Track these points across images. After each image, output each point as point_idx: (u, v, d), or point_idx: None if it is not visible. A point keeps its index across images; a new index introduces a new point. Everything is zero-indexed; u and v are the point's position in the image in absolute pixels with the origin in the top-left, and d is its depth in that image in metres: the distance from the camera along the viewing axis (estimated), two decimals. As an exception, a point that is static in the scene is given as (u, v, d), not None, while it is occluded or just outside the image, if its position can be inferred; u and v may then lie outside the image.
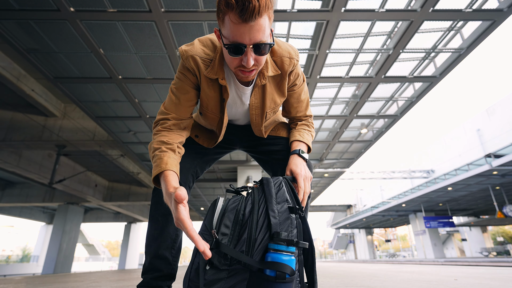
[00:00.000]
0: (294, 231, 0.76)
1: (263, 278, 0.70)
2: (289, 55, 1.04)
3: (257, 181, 0.89)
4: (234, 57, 0.85)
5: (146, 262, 1.02)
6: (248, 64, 0.85)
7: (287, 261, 0.70)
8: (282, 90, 1.10)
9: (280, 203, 0.79)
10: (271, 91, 1.07)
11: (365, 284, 1.83)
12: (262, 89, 1.06)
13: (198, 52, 0.98)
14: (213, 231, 0.76)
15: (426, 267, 4.24)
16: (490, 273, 2.57)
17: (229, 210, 0.80)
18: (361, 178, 22.10)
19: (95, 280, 2.78)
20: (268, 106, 1.09)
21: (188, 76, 1.02)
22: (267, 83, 1.05)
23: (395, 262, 19.31)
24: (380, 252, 45.55)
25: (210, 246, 0.72)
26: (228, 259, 0.72)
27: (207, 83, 1.01)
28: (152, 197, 1.06)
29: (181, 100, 1.03)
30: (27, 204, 17.81)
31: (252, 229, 0.75)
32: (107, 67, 5.68)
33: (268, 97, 1.07)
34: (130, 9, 4.41)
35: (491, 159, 11.43)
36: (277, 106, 1.14)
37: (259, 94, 1.06)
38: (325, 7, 4.58)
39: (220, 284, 0.71)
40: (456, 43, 5.58)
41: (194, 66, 0.98)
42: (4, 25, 4.67)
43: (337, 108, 7.86)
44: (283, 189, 0.84)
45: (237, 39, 0.80)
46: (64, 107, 9.78)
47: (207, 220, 0.80)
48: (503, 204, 15.81)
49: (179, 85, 1.03)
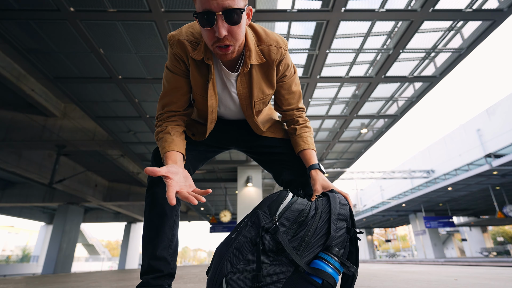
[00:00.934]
0: (341, 251, 0.79)
1: (307, 281, 0.71)
2: (276, 44, 1.01)
3: (321, 195, 0.92)
4: (207, 29, 0.83)
5: (145, 264, 1.01)
6: (220, 34, 0.81)
7: (332, 273, 0.72)
8: (271, 80, 1.07)
9: (342, 220, 0.82)
10: (258, 80, 1.04)
11: (365, 284, 1.83)
12: (248, 77, 1.03)
13: (185, 35, 0.98)
14: (275, 217, 0.78)
15: (426, 267, 4.24)
16: (490, 273, 2.57)
17: (295, 208, 0.82)
18: (361, 178, 22.10)
19: (95, 280, 2.78)
20: (256, 95, 1.06)
21: (176, 65, 1.02)
22: (254, 72, 1.02)
23: (395, 262, 19.31)
24: (380, 252, 45.54)
25: (267, 229, 0.75)
26: (278, 249, 0.74)
27: (195, 65, 1.00)
28: (146, 198, 1.05)
29: (173, 90, 1.05)
30: (27, 204, 17.81)
31: (309, 232, 0.77)
32: (107, 67, 5.69)
33: (255, 86, 1.05)
34: (130, 9, 4.41)
35: (491, 159, 11.42)
36: (266, 97, 1.11)
37: (245, 83, 1.04)
38: (325, 7, 4.58)
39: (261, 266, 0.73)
40: (456, 43, 5.58)
41: (181, 51, 0.98)
42: (4, 25, 4.67)
43: (337, 108, 7.86)
44: (347, 208, 0.86)
45: (206, 7, 0.79)
46: (64, 107, 9.78)
47: (272, 205, 0.82)
48: (503, 204, 15.81)
49: (169, 76, 1.05)
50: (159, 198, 1.01)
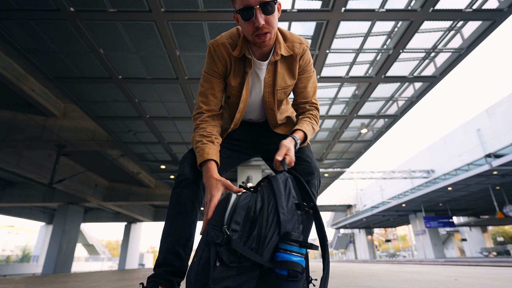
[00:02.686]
0: (300, 228, 0.77)
1: (274, 277, 0.70)
2: (299, 41, 1.20)
3: (265, 179, 0.90)
4: (247, 22, 1.01)
5: (160, 257, 1.07)
6: (259, 23, 0.99)
7: (298, 261, 0.70)
8: (293, 72, 1.22)
9: (289, 199, 0.80)
10: (282, 71, 1.20)
11: (365, 284, 1.83)
12: (274, 67, 1.18)
13: (225, 39, 1.16)
14: (224, 227, 0.76)
15: (426, 267, 4.24)
16: (490, 273, 2.57)
17: (240, 207, 0.80)
18: (361, 178, 22.10)
19: (95, 280, 2.78)
20: (279, 84, 1.21)
21: (214, 69, 1.18)
22: (279, 63, 1.18)
23: (395, 262, 19.32)
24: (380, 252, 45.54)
25: (220, 243, 0.73)
26: (238, 257, 0.72)
27: (236, 63, 1.17)
28: (171, 196, 1.13)
29: (209, 90, 1.20)
30: (27, 204, 17.81)
31: (262, 226, 0.75)
32: (107, 67, 5.68)
33: (279, 76, 1.20)
34: (130, 9, 4.41)
35: (491, 159, 11.42)
36: (288, 87, 1.24)
37: (272, 72, 1.19)
38: (325, 7, 4.58)
39: (228, 281, 0.71)
40: (456, 43, 5.58)
41: (225, 52, 1.15)
42: (4, 25, 4.67)
43: (337, 108, 7.86)
44: (290, 185, 0.84)
45: (245, 3, 0.98)
46: (64, 107, 9.78)
47: (218, 215, 0.80)
48: (503, 204, 15.80)
49: (206, 78, 1.20)
50: (183, 198, 1.09)
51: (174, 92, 6.63)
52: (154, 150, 10.23)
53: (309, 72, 1.26)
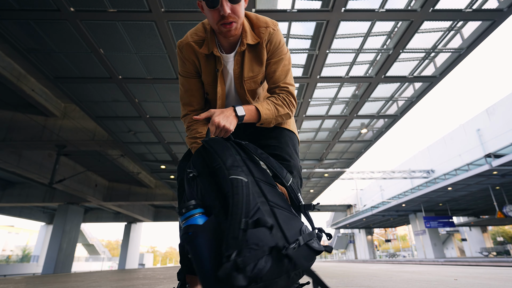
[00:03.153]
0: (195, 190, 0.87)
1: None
2: (265, 24, 1.13)
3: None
4: (212, 10, 0.99)
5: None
6: (225, 12, 0.96)
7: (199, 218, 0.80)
8: (261, 59, 1.16)
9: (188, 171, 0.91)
10: (249, 60, 1.15)
11: (365, 284, 1.83)
12: (242, 57, 1.14)
13: (190, 38, 1.13)
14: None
15: (426, 267, 4.24)
16: (490, 273, 2.57)
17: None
18: (361, 178, 22.10)
19: (95, 280, 2.78)
20: (246, 74, 1.16)
21: (186, 70, 1.17)
22: (247, 52, 1.13)
23: (395, 262, 19.32)
24: (380, 252, 45.52)
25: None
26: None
27: (205, 60, 1.14)
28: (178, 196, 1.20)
29: (188, 92, 1.20)
30: (27, 204, 17.81)
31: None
32: (107, 67, 5.68)
33: (246, 65, 1.15)
34: (130, 9, 4.41)
35: (491, 159, 11.41)
36: (256, 76, 1.18)
37: (239, 62, 1.15)
38: (325, 7, 4.58)
39: None
40: (456, 43, 5.58)
41: (191, 52, 1.13)
42: (4, 25, 4.67)
43: (337, 108, 7.86)
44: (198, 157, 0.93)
45: None
46: (64, 107, 9.78)
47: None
48: (503, 204, 15.79)
49: (182, 80, 1.20)
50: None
51: (174, 92, 6.63)
52: (154, 150, 10.24)
53: (278, 55, 1.17)
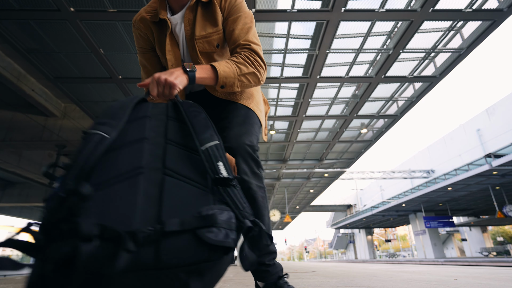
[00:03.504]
0: None
1: None
2: None
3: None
4: None
5: None
6: None
7: None
8: (215, 17, 1.08)
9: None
10: (201, 17, 1.08)
11: (365, 284, 1.83)
12: (193, 15, 1.08)
13: (143, 11, 1.12)
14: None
15: (426, 267, 4.24)
16: (490, 273, 2.57)
17: None
18: (361, 178, 22.11)
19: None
20: (198, 33, 1.07)
21: (141, 44, 1.16)
22: (199, 10, 1.08)
23: (395, 262, 19.32)
24: (380, 252, 45.53)
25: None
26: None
27: (157, 29, 1.11)
28: None
29: (145, 69, 1.19)
30: (27, 204, 17.81)
31: None
32: (107, 67, 5.69)
33: (198, 24, 1.07)
34: (130, 9, 4.41)
35: (491, 159, 11.42)
36: (210, 36, 1.08)
37: (191, 21, 1.08)
38: (325, 7, 4.58)
39: None
40: (456, 43, 5.58)
41: (144, 25, 1.11)
42: (4, 25, 4.67)
43: (337, 108, 7.86)
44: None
45: None
46: (64, 107, 9.78)
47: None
48: (503, 204, 15.79)
49: (139, 58, 1.20)
50: None
51: (174, 92, 6.61)
52: (154, 150, 10.23)
53: (236, 12, 1.09)
